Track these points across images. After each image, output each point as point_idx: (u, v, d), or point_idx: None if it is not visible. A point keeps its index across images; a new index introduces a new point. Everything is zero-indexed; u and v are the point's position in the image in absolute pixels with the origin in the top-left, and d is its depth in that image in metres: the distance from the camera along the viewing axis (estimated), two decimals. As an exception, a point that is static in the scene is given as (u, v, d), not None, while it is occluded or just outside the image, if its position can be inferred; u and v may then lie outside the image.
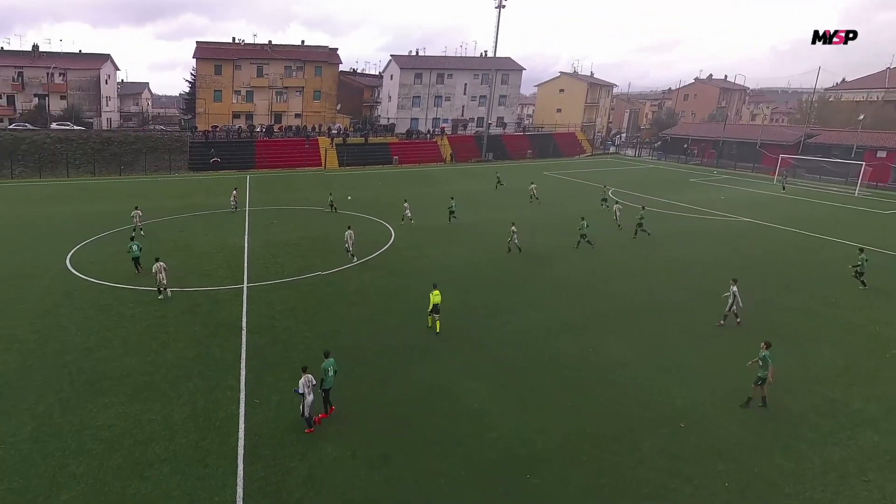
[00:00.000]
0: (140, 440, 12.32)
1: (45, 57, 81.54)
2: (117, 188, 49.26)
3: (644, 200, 43.52)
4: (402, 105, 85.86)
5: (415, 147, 73.57)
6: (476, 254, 27.57)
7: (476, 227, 32.89)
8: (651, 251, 28.51)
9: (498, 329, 18.50)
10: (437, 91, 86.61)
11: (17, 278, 23.34)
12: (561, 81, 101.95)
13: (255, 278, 23.57)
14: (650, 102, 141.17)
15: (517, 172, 61.49)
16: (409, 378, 15.22)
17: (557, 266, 25.74)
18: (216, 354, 16.52)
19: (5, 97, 79.41)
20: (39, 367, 15.59)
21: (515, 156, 76.55)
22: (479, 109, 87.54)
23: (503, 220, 34.43)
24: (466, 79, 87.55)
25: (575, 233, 29.23)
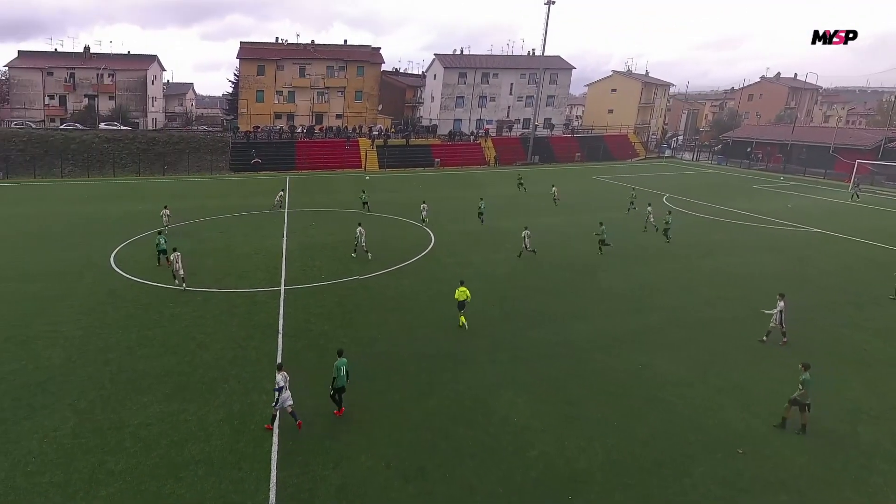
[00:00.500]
0: (176, 440, 12.84)
1: (96, 58, 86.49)
2: (160, 188, 51.60)
3: (702, 208, 42.30)
4: (445, 105, 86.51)
5: (457, 149, 73.97)
6: (519, 261, 27.46)
7: (519, 233, 32.68)
8: (706, 262, 27.68)
9: (539, 340, 18.36)
10: (481, 91, 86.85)
11: (65, 275, 24.79)
12: (613, 81, 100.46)
13: (292, 281, 24.20)
14: (710, 103, 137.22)
15: (564, 176, 60.87)
16: (446, 388, 15.28)
17: (603, 276, 25.33)
18: (252, 357, 17.06)
19: (58, 97, 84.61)
20: (83, 364, 16.49)
21: (563, 159, 75.84)
22: (526, 110, 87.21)
23: (549, 227, 34.21)
24: (513, 78, 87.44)
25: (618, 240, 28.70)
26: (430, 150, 72.71)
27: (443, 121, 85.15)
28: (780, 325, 17.93)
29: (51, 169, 60.24)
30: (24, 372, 15.92)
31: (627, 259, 27.97)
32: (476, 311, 20.87)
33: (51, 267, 26.10)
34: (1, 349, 17.39)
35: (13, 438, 12.80)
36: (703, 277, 25.23)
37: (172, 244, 25.13)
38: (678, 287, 23.87)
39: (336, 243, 30.66)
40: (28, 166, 60.13)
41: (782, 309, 17.81)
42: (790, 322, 18.35)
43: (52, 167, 60.51)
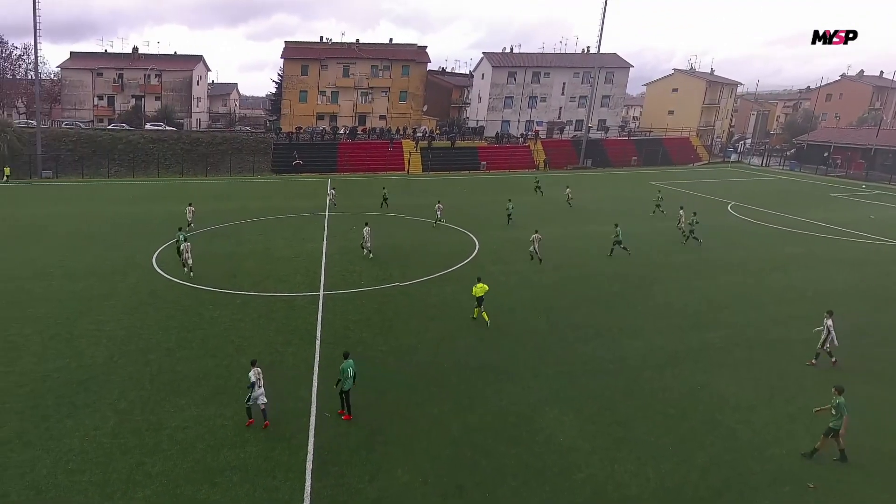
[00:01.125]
0: (212, 445, 13.28)
1: (144, 59, 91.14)
2: (203, 188, 53.70)
3: (772, 217, 40.77)
4: (492, 106, 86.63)
5: (505, 152, 73.88)
6: (568, 270, 27.15)
7: (568, 241, 32.39)
8: (776, 276, 26.61)
9: (588, 355, 18.07)
10: (531, 91, 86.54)
11: (109, 275, 26.11)
12: (674, 80, 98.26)
13: (331, 286, 24.70)
14: (783, 103, 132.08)
15: (618, 182, 59.89)
16: (488, 402, 15.23)
17: (658, 288, 24.72)
18: (289, 363, 17.48)
19: (106, 98, 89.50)
20: (124, 364, 17.29)
21: (618, 163, 74.56)
22: (579, 111, 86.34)
23: (599, 234, 33.67)
24: (565, 77, 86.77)
25: (677, 251, 27.96)
26: (476, 152, 72.92)
27: (490, 122, 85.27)
28: (824, 346, 17.23)
29: (98, 169, 63.67)
30: (68, 370, 16.83)
31: (688, 271, 27.21)
32: (521, 322, 20.80)
33: (96, 266, 27.53)
34: (47, 346, 18.45)
35: (55, 435, 13.54)
36: (773, 293, 24.25)
37: (213, 245, 26.14)
38: (744, 303, 23.04)
39: (377, 248, 31.06)
40: (77, 166, 63.78)
41: (830, 327, 17.02)
42: (868, 343, 17.42)
43: (100, 167, 63.95)
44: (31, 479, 12.03)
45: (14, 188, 55.17)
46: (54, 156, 64.23)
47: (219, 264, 27.96)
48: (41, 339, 19.05)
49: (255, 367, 14.12)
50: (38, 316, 21.05)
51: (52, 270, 26.82)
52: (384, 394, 15.63)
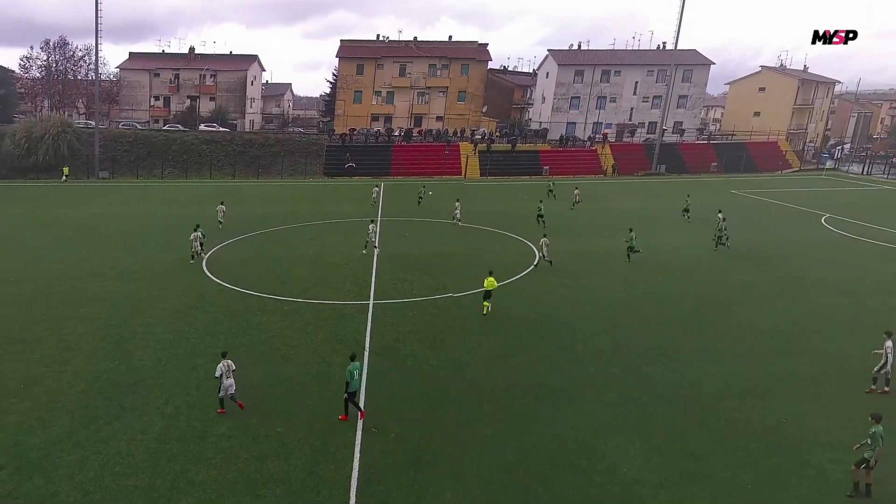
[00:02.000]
0: (256, 455, 13.71)
1: (200, 59, 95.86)
2: (254, 191, 55.81)
3: (875, 233, 38.48)
4: (557, 107, 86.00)
5: (569, 156, 73.16)
6: (637, 286, 26.53)
7: (639, 254, 31.61)
8: (879, 299, 25.07)
9: (658, 380, 17.56)
10: (600, 91, 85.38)
11: (160, 277, 27.51)
12: (762, 78, 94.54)
13: (381, 295, 25.08)
14: (889, 104, 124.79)
15: (695, 189, 58.04)
16: (546, 426, 15.04)
17: (739, 308, 23.76)
18: (337, 374, 17.78)
19: (162, 98, 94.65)
20: (172, 368, 18.13)
21: (695, 169, 72.35)
22: (652, 112, 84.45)
23: (671, 247, 32.82)
24: (638, 76, 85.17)
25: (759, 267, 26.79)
26: (538, 156, 72.54)
27: (554, 124, 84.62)
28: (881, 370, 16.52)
29: (152, 170, 67.30)
30: (118, 372, 17.81)
31: (773, 290, 26.05)
32: (583, 340, 20.48)
33: (147, 268, 29.05)
34: (98, 347, 19.60)
35: (104, 437, 14.32)
36: (875, 318, 22.79)
37: (263, 249, 27.08)
38: (840, 328, 21.83)
39: (430, 256, 31.39)
40: (132, 167, 67.62)
41: (889, 350, 16.27)
42: None
43: (154, 168, 67.58)
44: (80, 479, 12.76)
45: (72, 188, 58.99)
46: (111, 156, 68.37)
47: (268, 269, 28.94)
48: (93, 339, 20.24)
49: (225, 359, 15.50)
50: (90, 316, 22.40)
51: (105, 271, 28.50)
52: (434, 411, 15.71)
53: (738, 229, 38.29)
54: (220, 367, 15.36)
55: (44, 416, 15.25)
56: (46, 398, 16.21)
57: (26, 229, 38.71)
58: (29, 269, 28.99)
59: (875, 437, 12.31)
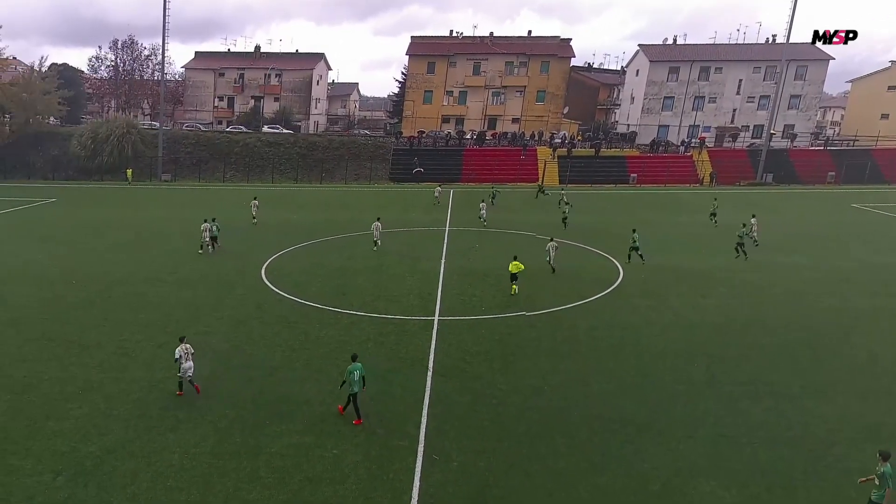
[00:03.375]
0: (310, 477, 14.05)
1: (265, 58, 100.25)
2: (316, 196, 57.63)
3: None
4: (648, 108, 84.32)
5: (661, 162, 71.44)
6: (736, 311, 25.45)
7: (739, 274, 30.44)
8: None
9: (758, 418, 16.74)
10: (697, 90, 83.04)
11: (218, 285, 28.82)
12: (892, 74, 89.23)
13: (447, 311, 25.25)
14: None
15: (809, 202, 55.34)
16: (626, 464, 14.64)
17: (858, 339, 22.35)
18: (397, 394, 18.07)
19: (226, 99, 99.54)
20: (226, 380, 18.90)
21: (808, 179, 68.82)
22: (758, 114, 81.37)
23: (780, 267, 31.42)
24: (742, 73, 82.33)
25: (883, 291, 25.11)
26: (625, 162, 71.29)
27: (644, 127, 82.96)
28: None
29: (214, 173, 70.87)
30: (173, 381, 18.65)
31: None
32: (672, 369, 19.86)
33: (205, 274, 30.51)
34: (155, 355, 20.70)
35: (157, 448, 15.09)
36: None
37: (324, 258, 27.83)
38: (983, 368, 20.15)
39: (501, 270, 31.24)
40: (194, 169, 71.47)
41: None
42: None
43: (216, 171, 71.12)
44: (132, 490, 13.49)
45: (135, 191, 62.83)
46: (173, 158, 72.53)
47: (329, 279, 29.76)
48: (150, 346, 21.42)
49: (183, 343, 17.56)
50: (149, 322, 23.73)
51: (165, 276, 30.14)
52: (501, 441, 15.61)
53: (858, 249, 36.23)
54: (179, 351, 17.38)
55: (100, 424, 16.25)
56: (104, 405, 17.28)
57: (90, 231, 41.52)
58: (91, 271, 31.07)
59: (884, 477, 11.94)
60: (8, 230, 42.89)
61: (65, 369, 19.62)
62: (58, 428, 16.06)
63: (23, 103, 74.92)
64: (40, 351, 21.08)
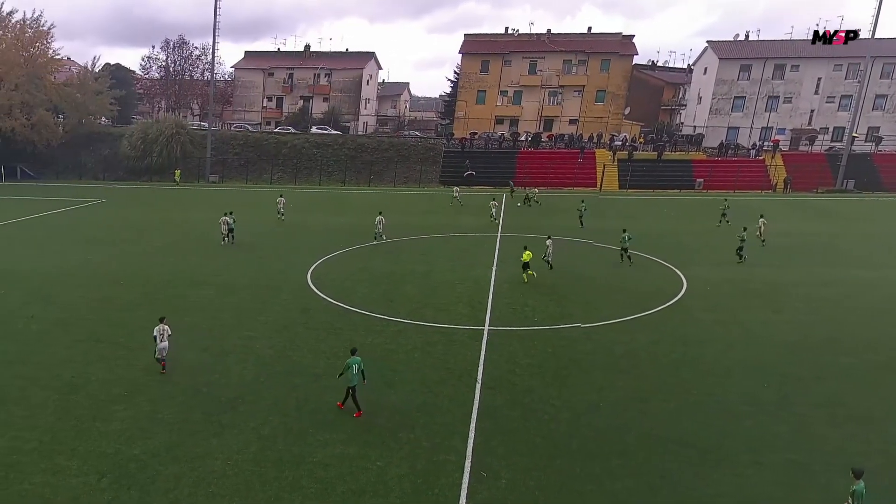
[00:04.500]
0: (354, 489, 14.21)
1: (314, 57, 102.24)
2: (364, 199, 58.35)
3: None
4: (716, 109, 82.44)
5: (730, 167, 69.73)
6: (813, 328, 24.55)
7: (815, 289, 29.41)
8: None
9: (834, 443, 16.09)
10: (771, 89, 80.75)
11: (263, 289, 29.52)
12: None
13: (498, 321, 25.19)
14: None
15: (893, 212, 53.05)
16: (687, 488, 14.29)
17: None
18: (444, 406, 18.11)
19: (275, 99, 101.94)
20: (270, 386, 19.31)
21: (894, 186, 66.00)
22: (839, 116, 78.56)
23: (865, 282, 30.23)
24: (821, 71, 79.65)
25: None
26: (691, 166, 69.83)
27: (712, 129, 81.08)
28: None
29: (261, 174, 72.67)
30: (217, 386, 19.26)
31: None
32: (739, 390, 19.30)
33: (250, 278, 31.29)
34: (199, 359, 21.32)
35: (200, 454, 15.53)
36: None
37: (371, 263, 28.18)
38: None
39: (555, 278, 31.10)
40: (242, 170, 73.45)
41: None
42: None
43: (263, 172, 72.93)
44: (175, 496, 13.91)
45: (183, 192, 64.93)
46: (221, 160, 74.74)
47: (376, 285, 30.11)
48: (195, 351, 22.06)
49: (162, 323, 19.80)
50: (193, 326, 24.43)
51: (209, 279, 31.03)
52: (553, 458, 15.47)
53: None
54: (157, 330, 19.65)
55: (145, 427, 16.82)
56: (148, 408, 17.89)
57: (138, 232, 43.12)
58: (138, 273, 32.25)
59: (856, 495, 12.00)
60: (60, 230, 44.96)
61: (111, 371, 20.40)
62: (104, 429, 16.70)
63: (76, 103, 78.27)
64: (88, 352, 21.99)
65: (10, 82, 71.98)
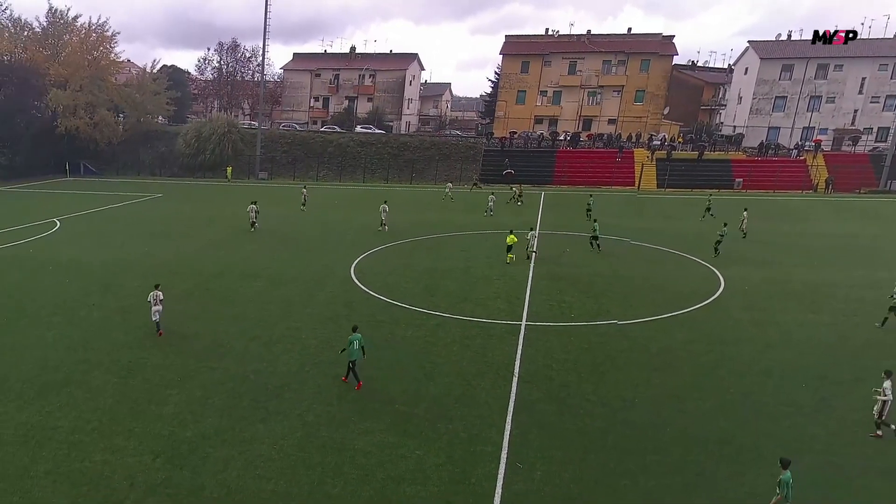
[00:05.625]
0: (393, 476, 14.34)
1: (360, 58, 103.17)
2: (406, 197, 58.68)
3: None
4: (756, 109, 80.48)
5: (770, 167, 68.02)
6: (855, 330, 23.74)
7: (855, 290, 28.51)
8: None
9: (875, 446, 15.58)
10: (814, 89, 78.43)
11: (309, 282, 29.95)
12: None
13: (535, 316, 25.07)
14: None
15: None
16: (723, 487, 14.01)
17: None
18: (481, 398, 18.12)
19: (322, 99, 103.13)
20: (314, 375, 19.60)
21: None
22: (884, 116, 75.99)
23: None
24: (866, 70, 77.04)
25: None
26: (730, 166, 68.31)
27: (752, 129, 79.19)
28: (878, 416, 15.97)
29: (308, 171, 73.70)
30: (265, 374, 19.62)
31: None
32: (777, 390, 18.83)
33: (298, 271, 31.76)
34: (247, 348, 21.75)
35: (248, 438, 15.86)
36: None
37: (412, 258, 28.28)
38: None
39: (592, 276, 30.82)
40: (289, 168, 74.57)
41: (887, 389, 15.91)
42: None
43: (310, 170, 73.95)
44: (224, 477, 14.25)
45: (234, 188, 66.16)
46: (270, 157, 75.99)
47: (417, 280, 30.25)
48: (243, 340, 22.52)
49: (156, 289, 22.40)
50: (243, 316, 24.98)
51: (259, 272, 31.61)
52: (588, 453, 15.34)
53: None
54: (150, 296, 22.29)
55: (196, 411, 17.26)
56: (200, 393, 18.34)
57: (191, 226, 44.20)
58: (191, 265, 33.05)
59: (782, 485, 12.18)
60: (120, 224, 46.30)
61: (165, 357, 20.96)
62: (158, 412, 17.18)
63: (135, 103, 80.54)
64: (144, 339, 22.63)
65: (75, 84, 74.34)
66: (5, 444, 15.69)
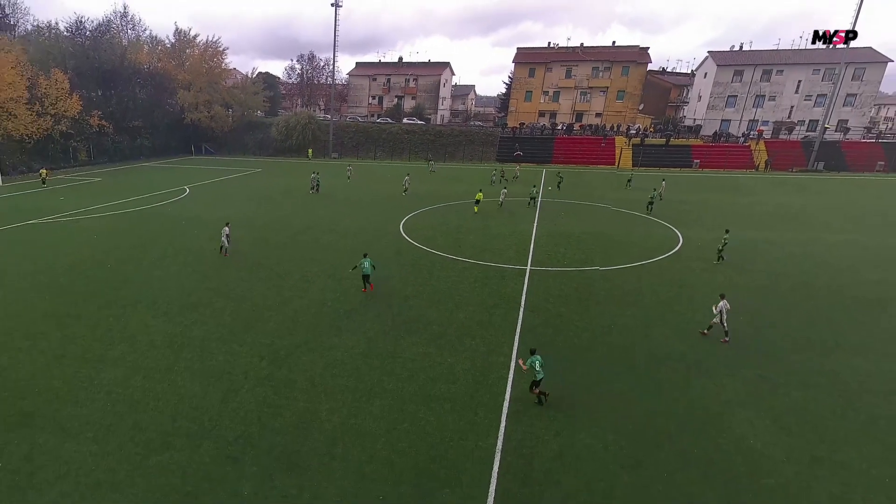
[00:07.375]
0: (431, 377, 14.62)
1: (405, 66, 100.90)
2: (441, 172, 58.03)
3: None
4: (712, 105, 77.08)
5: (721, 151, 65.49)
6: (783, 278, 23.21)
7: (787, 247, 27.71)
8: None
9: (797, 365, 15.38)
10: (759, 90, 74.69)
11: (369, 235, 30.10)
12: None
13: (537, 263, 24.92)
14: None
15: (857, 189, 48.89)
16: (675, 392, 14.03)
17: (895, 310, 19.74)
18: (496, 322, 18.23)
19: (377, 98, 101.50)
20: (374, 304, 19.85)
21: (857, 167, 60.71)
22: (814, 111, 72.22)
23: (829, 244, 28.24)
24: (802, 75, 72.95)
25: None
26: (690, 150, 65.92)
27: (708, 121, 76.10)
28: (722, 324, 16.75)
29: (368, 152, 73.22)
30: (339, 301, 19.96)
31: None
32: (720, 320, 18.51)
33: (359, 228, 31.87)
34: (326, 283, 22.07)
35: (327, 347, 16.26)
36: None
37: (445, 218, 28.02)
38: None
39: (581, 234, 30.40)
40: (354, 150, 74.18)
41: (723, 309, 16.64)
42: None
43: (369, 151, 73.52)
44: (310, 374, 14.69)
45: (314, 165, 66.08)
46: (339, 142, 75.55)
47: (448, 235, 30.17)
48: (323, 277, 22.84)
49: (227, 226, 25.26)
50: (322, 259, 25.28)
51: (333, 227, 31.82)
52: (575, 364, 15.42)
53: (888, 231, 31.76)
54: (224, 230, 25.16)
55: (290, 327, 17.69)
56: (292, 314, 18.76)
57: (282, 193, 44.45)
58: (283, 223, 33.37)
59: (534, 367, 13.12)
60: (231, 191, 46.79)
61: (267, 289, 21.40)
62: (262, 328, 17.66)
63: (240, 101, 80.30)
64: (251, 275, 23.09)
65: (196, 86, 74.33)
66: (156, 347, 16.35)
